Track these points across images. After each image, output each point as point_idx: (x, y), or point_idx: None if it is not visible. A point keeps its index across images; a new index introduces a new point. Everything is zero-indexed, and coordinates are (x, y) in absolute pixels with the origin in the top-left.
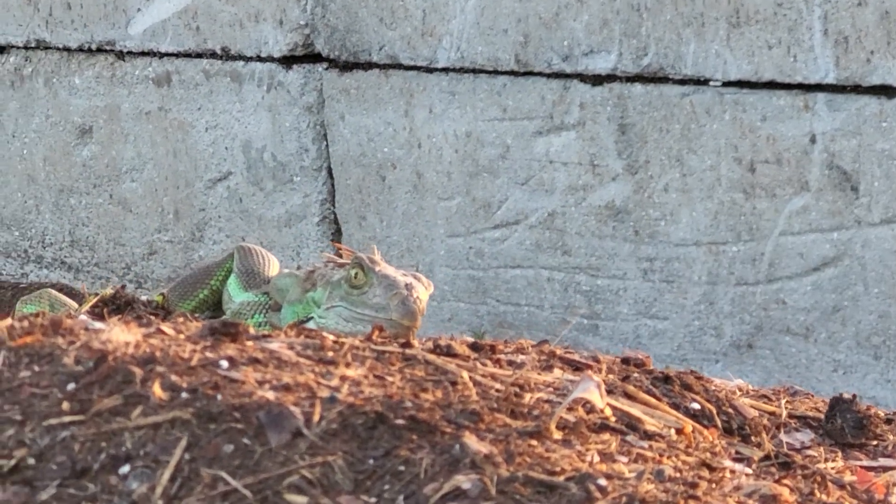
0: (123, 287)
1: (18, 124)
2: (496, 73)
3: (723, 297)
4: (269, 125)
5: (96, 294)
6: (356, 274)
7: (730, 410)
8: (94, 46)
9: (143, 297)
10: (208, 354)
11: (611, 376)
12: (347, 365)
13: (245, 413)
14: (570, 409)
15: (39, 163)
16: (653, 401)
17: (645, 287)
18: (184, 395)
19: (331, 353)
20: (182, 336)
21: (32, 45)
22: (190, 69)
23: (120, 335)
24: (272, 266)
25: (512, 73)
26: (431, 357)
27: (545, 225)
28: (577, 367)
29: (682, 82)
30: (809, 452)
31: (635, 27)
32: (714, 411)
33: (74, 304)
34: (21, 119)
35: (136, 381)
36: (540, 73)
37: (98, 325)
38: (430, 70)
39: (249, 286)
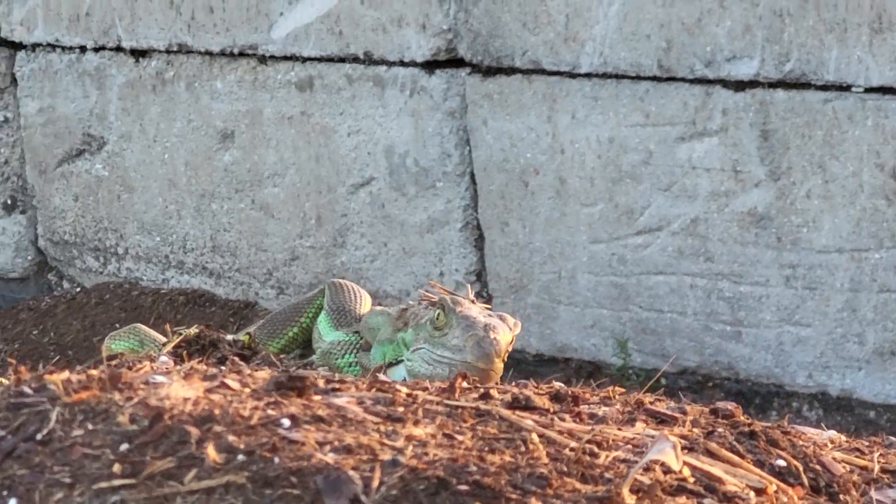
0: (208, 326)
1: (160, 129)
2: (639, 78)
3: (866, 304)
4: (411, 130)
5: (179, 334)
6: (438, 315)
7: (817, 467)
8: (236, 50)
9: (229, 337)
10: (270, 412)
11: (695, 430)
12: (416, 423)
13: (302, 477)
14: (645, 470)
15: (181, 167)
16: (735, 458)
17: (787, 294)
18: (240, 457)
19: (401, 409)
20: (247, 390)
21: (174, 49)
22: (332, 74)
23: (179, 390)
24: (364, 303)
25: (654, 78)
26: (506, 413)
27: (688, 231)
28: (661, 420)
29: (825, 88)
30: None
31: (777, 33)
32: (800, 468)
33: (163, 340)
34: (163, 123)
35: (192, 442)
36: (682, 79)
37: (160, 378)
38: (572, 75)
39: (340, 324)
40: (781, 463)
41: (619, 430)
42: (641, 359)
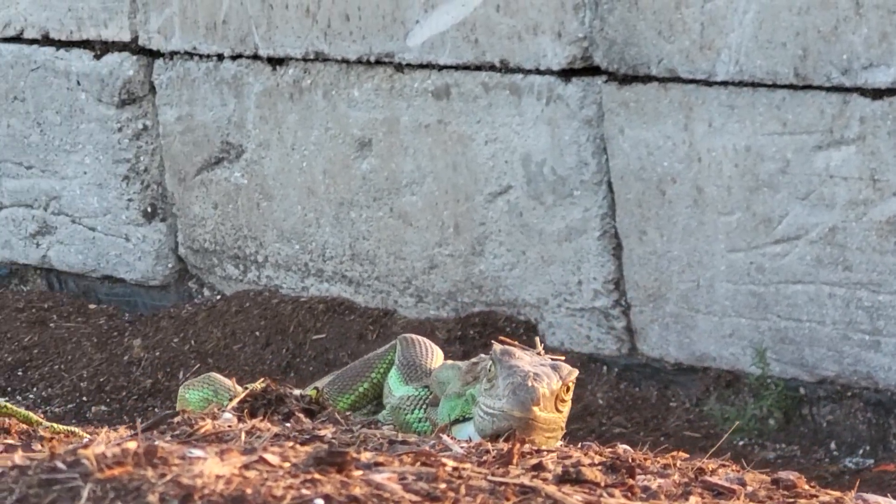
0: (276, 381)
1: (298, 137)
2: (775, 86)
3: None
4: (548, 139)
5: (246, 388)
6: (490, 367)
7: None
8: (372, 58)
9: (296, 392)
10: (305, 491)
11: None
12: (455, 502)
13: None
14: None
15: (319, 176)
16: None
17: None
18: None
19: (442, 486)
20: (287, 464)
21: (311, 57)
22: (469, 82)
23: (214, 467)
24: (436, 358)
25: (791, 86)
26: (551, 490)
27: (826, 240)
28: (718, 493)
29: None
30: None
31: None
32: None
33: (239, 389)
34: (300, 132)
35: None
36: (819, 87)
37: (197, 452)
38: (708, 83)
39: (410, 379)
40: None
41: None
42: (780, 368)
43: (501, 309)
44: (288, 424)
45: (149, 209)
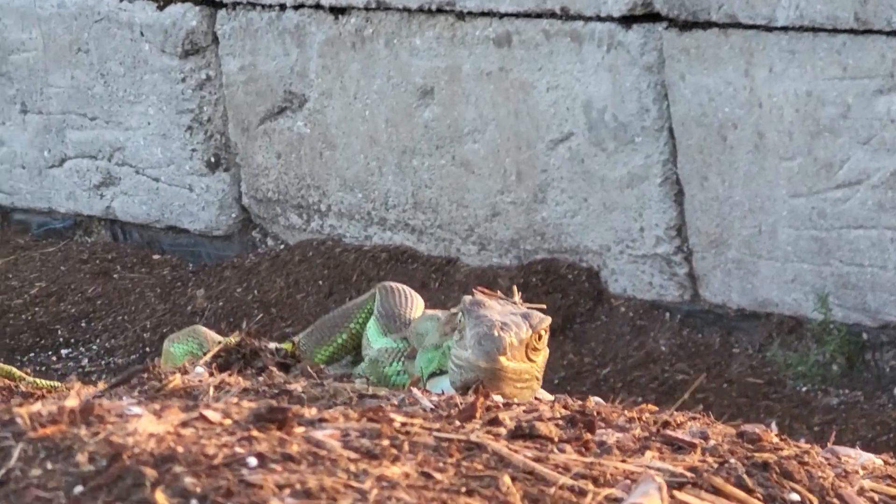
0: (249, 334)
1: (360, 86)
2: (835, 31)
3: None
4: (609, 85)
5: (219, 342)
6: (460, 318)
7: (834, 500)
8: (433, 7)
9: (272, 345)
10: (238, 450)
11: (710, 459)
12: (396, 459)
13: None
14: None
15: (381, 124)
16: (741, 495)
17: None
18: (193, 502)
19: (385, 443)
20: (229, 422)
21: (373, 6)
22: (530, 29)
23: (148, 425)
24: (416, 308)
25: (851, 31)
26: (497, 446)
27: (888, 185)
28: (679, 448)
29: None
30: None
31: None
32: (815, 503)
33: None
34: (363, 80)
35: (147, 485)
36: (880, 32)
37: (135, 410)
38: (769, 29)
39: (389, 330)
40: (795, 497)
41: (624, 461)
42: (842, 314)
43: (564, 256)
44: (260, 378)
45: (212, 159)
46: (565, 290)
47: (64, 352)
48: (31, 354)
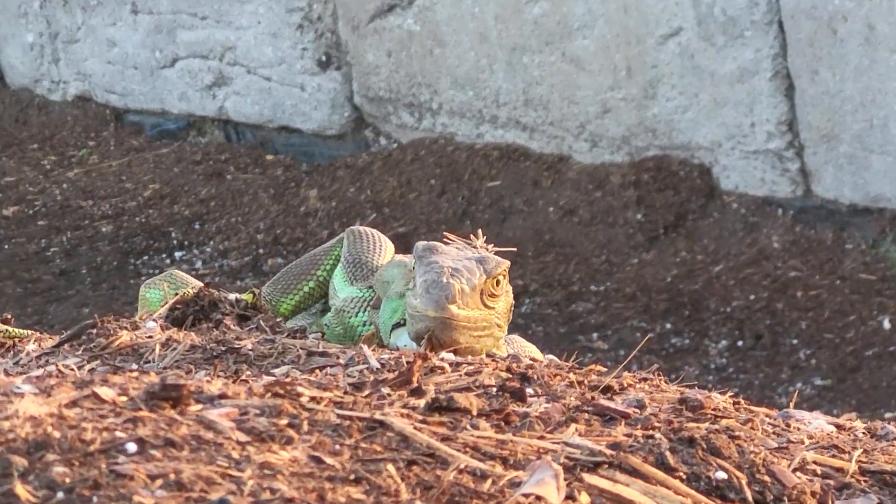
0: (207, 286)
1: None
2: None
3: None
4: None
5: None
6: (412, 265)
7: (765, 478)
8: None
9: (232, 297)
10: (119, 434)
11: (636, 432)
12: (288, 442)
13: None
14: (537, 498)
15: (490, 21)
16: (660, 475)
17: None
18: (59, 495)
19: (283, 422)
20: (124, 399)
21: None
22: None
23: (30, 407)
24: (385, 253)
25: None
26: (400, 426)
27: None
28: (609, 419)
29: None
30: None
31: None
32: (743, 481)
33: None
34: None
35: (14, 475)
36: None
37: (25, 387)
38: None
39: (356, 278)
40: (721, 476)
41: (542, 437)
42: None
43: (675, 153)
44: (215, 333)
45: (323, 58)
46: (677, 186)
47: (177, 254)
48: (145, 257)
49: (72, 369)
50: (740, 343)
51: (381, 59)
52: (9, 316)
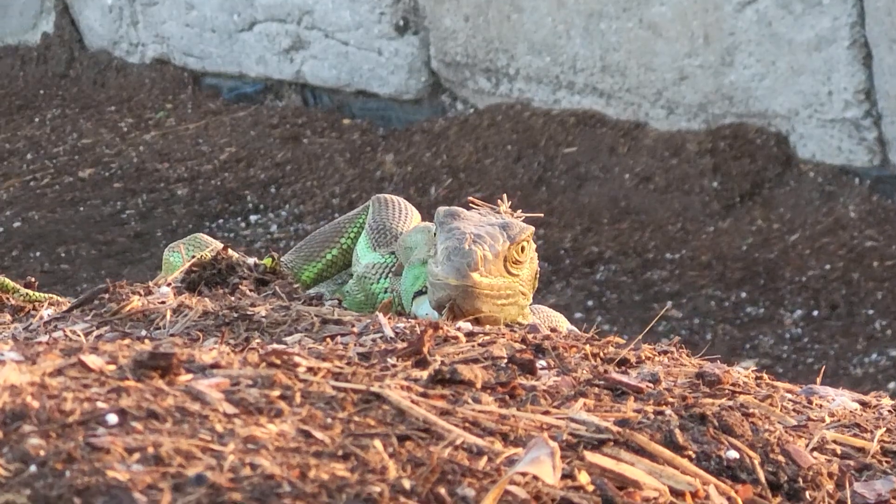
0: (226, 248)
1: None
2: None
3: None
4: None
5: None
6: (434, 231)
7: (779, 457)
8: None
9: (250, 261)
10: (100, 405)
11: (647, 408)
12: (278, 415)
13: (87, 499)
14: (526, 482)
15: None
16: (668, 454)
17: None
18: (32, 468)
19: (275, 394)
20: (112, 368)
21: None
22: None
23: (11, 375)
24: (410, 220)
25: None
26: (396, 399)
27: None
28: (621, 393)
29: None
30: None
31: None
32: (756, 461)
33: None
34: None
35: None
36: None
37: (10, 355)
38: None
39: (379, 245)
40: (733, 455)
41: (546, 413)
42: None
43: (752, 121)
44: (231, 299)
45: (401, 22)
46: (753, 155)
47: (253, 218)
48: (220, 221)
49: (78, 336)
50: (815, 313)
51: (458, 24)
52: (32, 279)
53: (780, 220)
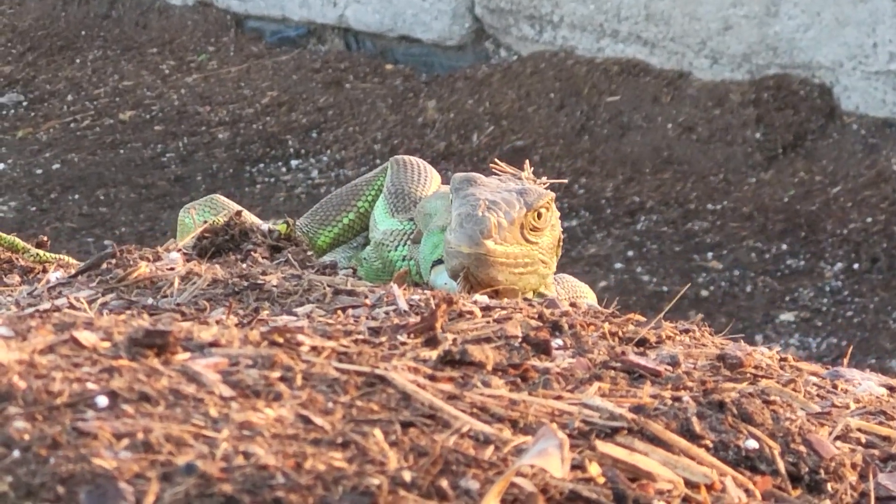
0: (239, 213)
1: None
2: None
3: None
4: None
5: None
6: (451, 198)
7: (801, 448)
8: None
9: (264, 226)
10: (90, 386)
11: (664, 394)
12: (276, 398)
13: (71, 488)
14: (533, 474)
15: None
16: (683, 444)
17: None
18: (15, 453)
19: (275, 375)
20: (106, 345)
21: None
22: None
23: (1, 353)
24: (430, 184)
25: None
26: (401, 382)
27: None
28: (638, 376)
29: None
30: None
31: None
32: (776, 451)
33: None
34: None
35: None
36: None
37: (1, 330)
38: None
39: (397, 210)
40: (752, 445)
41: (559, 397)
42: None
43: (796, 72)
44: (243, 265)
45: None
46: (797, 106)
47: (294, 163)
48: (261, 165)
49: (81, 303)
50: (856, 266)
51: None
52: (44, 238)
53: (822, 173)
